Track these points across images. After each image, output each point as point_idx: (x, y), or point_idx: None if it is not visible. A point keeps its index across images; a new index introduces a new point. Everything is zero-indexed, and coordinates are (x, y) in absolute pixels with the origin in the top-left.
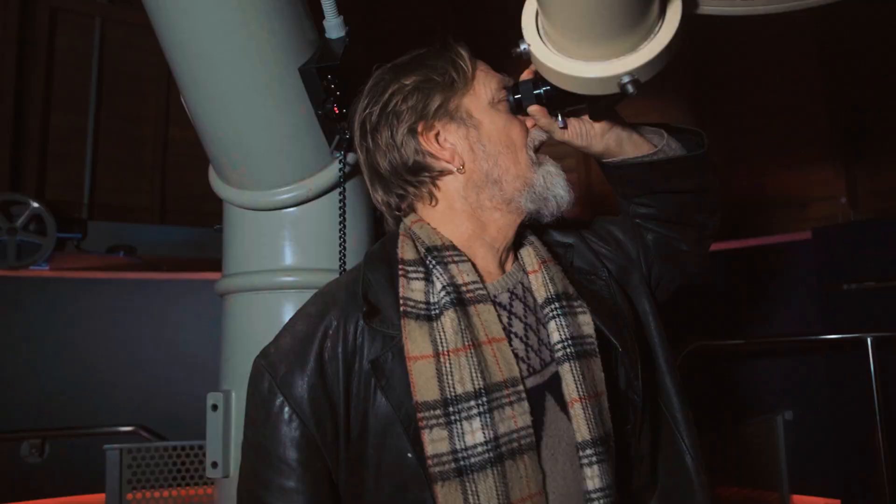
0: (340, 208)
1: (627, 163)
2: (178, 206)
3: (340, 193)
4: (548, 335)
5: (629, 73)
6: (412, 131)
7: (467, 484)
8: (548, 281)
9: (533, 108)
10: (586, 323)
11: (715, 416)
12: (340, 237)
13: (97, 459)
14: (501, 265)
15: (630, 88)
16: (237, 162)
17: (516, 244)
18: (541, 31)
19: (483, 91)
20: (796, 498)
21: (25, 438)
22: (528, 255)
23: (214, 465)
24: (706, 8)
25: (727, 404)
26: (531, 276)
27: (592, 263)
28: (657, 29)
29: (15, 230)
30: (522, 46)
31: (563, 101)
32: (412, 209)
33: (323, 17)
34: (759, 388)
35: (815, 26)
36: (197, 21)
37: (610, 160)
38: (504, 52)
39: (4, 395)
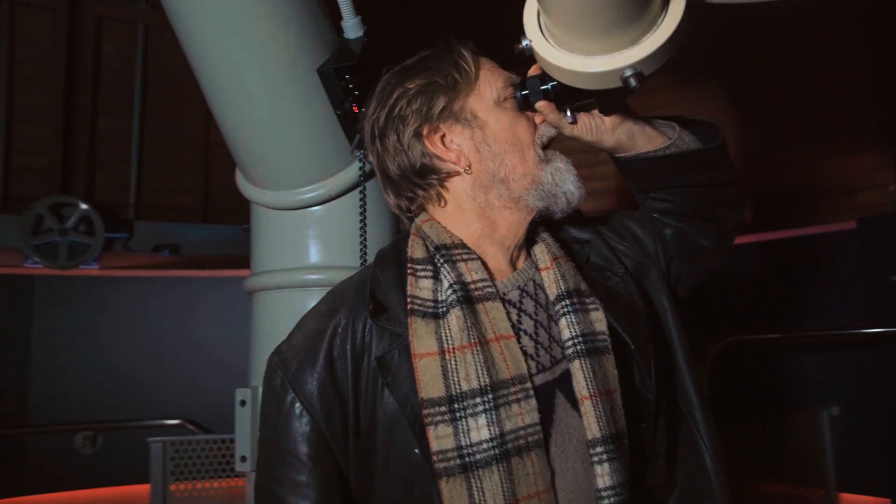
0: (361, 207)
1: (640, 157)
2: (219, 205)
3: (361, 192)
4: (559, 332)
5: (631, 67)
6: (417, 135)
7: (472, 480)
8: (559, 278)
9: (540, 104)
10: (599, 320)
11: (755, 411)
12: (361, 235)
13: (145, 451)
14: (512, 263)
15: (632, 82)
16: (259, 163)
17: (530, 241)
18: (542, 27)
19: (488, 90)
20: (844, 496)
21: (78, 430)
22: (541, 252)
23: (243, 459)
24: None
25: (768, 399)
26: (543, 273)
27: (608, 260)
28: (660, 20)
29: (66, 231)
30: (524, 43)
31: (572, 96)
32: (423, 210)
33: (342, 18)
34: (802, 383)
35: (861, 11)
36: (214, 27)
37: (622, 155)
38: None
39: (59, 389)
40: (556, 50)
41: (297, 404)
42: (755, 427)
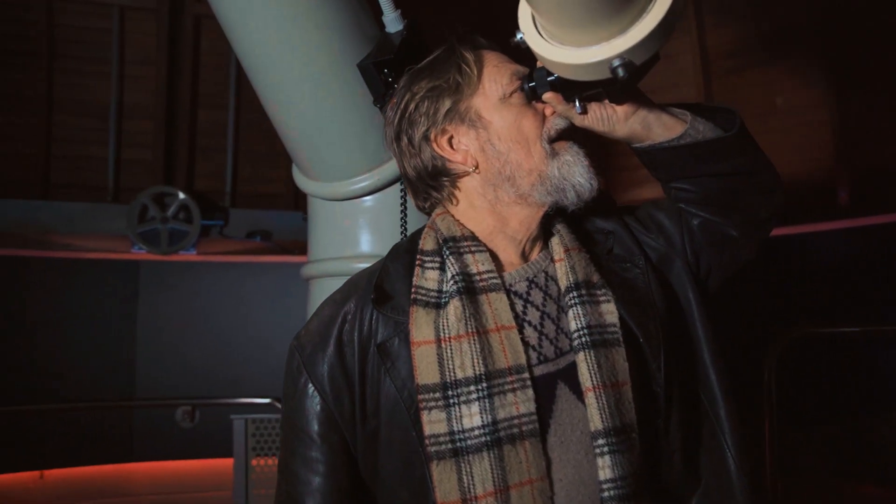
0: (402, 197)
1: (655, 147)
2: None
3: (402, 182)
4: (568, 324)
5: (619, 57)
6: (426, 138)
7: (462, 465)
8: (569, 270)
9: (548, 95)
10: (610, 312)
11: (834, 408)
12: (402, 225)
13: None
14: (524, 255)
15: (621, 72)
16: (310, 156)
17: (548, 233)
18: (535, 19)
19: (493, 88)
20: None
21: (179, 405)
22: (556, 244)
23: None
24: None
25: (848, 396)
26: (557, 265)
27: (631, 251)
28: (650, 8)
29: (166, 219)
30: (518, 36)
31: (579, 86)
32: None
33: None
34: (887, 380)
35: None
36: (264, 36)
37: (638, 145)
38: None
39: (161, 367)
40: (547, 42)
41: (310, 385)
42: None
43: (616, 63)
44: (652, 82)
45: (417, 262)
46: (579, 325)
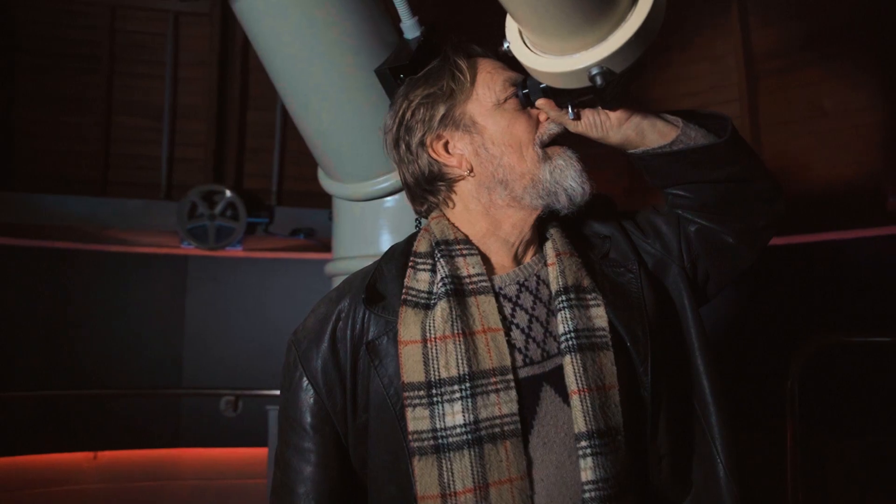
0: None
1: (648, 153)
2: None
3: None
4: (556, 327)
5: (597, 65)
6: (422, 144)
7: (443, 461)
8: (559, 274)
9: (540, 102)
10: (599, 316)
11: (865, 420)
12: (416, 226)
13: None
14: (517, 258)
15: (598, 80)
16: (333, 158)
17: (543, 237)
18: (521, 29)
19: (487, 94)
20: None
21: (223, 395)
22: (549, 248)
23: None
24: None
25: (880, 408)
26: (549, 269)
27: (626, 256)
28: (628, 17)
29: (214, 216)
30: (505, 45)
31: (572, 93)
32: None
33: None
34: None
35: None
36: (289, 50)
37: (632, 151)
38: None
39: (206, 358)
40: (530, 51)
41: (304, 379)
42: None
43: (594, 71)
44: (695, 85)
45: (410, 264)
46: (567, 329)
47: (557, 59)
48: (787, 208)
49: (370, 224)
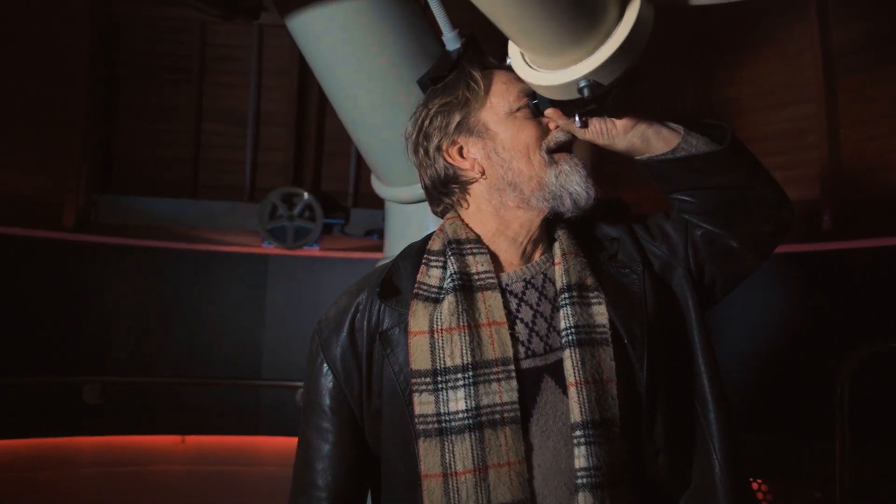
0: None
1: (652, 160)
2: None
3: None
4: (559, 322)
5: (585, 78)
6: (438, 148)
7: (446, 443)
8: (563, 272)
9: (549, 111)
10: (600, 313)
11: None
12: None
13: None
14: (525, 257)
15: (586, 92)
16: (382, 164)
17: (553, 238)
18: None
19: (500, 103)
20: None
21: (299, 388)
22: (556, 248)
23: None
24: None
25: None
26: (556, 268)
27: (632, 258)
28: (613, 32)
29: (293, 217)
30: (508, 60)
31: (578, 103)
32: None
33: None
34: None
35: None
36: (343, 68)
37: (639, 158)
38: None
39: (284, 351)
40: (527, 66)
41: (325, 365)
42: None
43: (582, 84)
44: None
45: (423, 261)
46: (568, 325)
47: (550, 74)
48: (794, 216)
49: (417, 224)
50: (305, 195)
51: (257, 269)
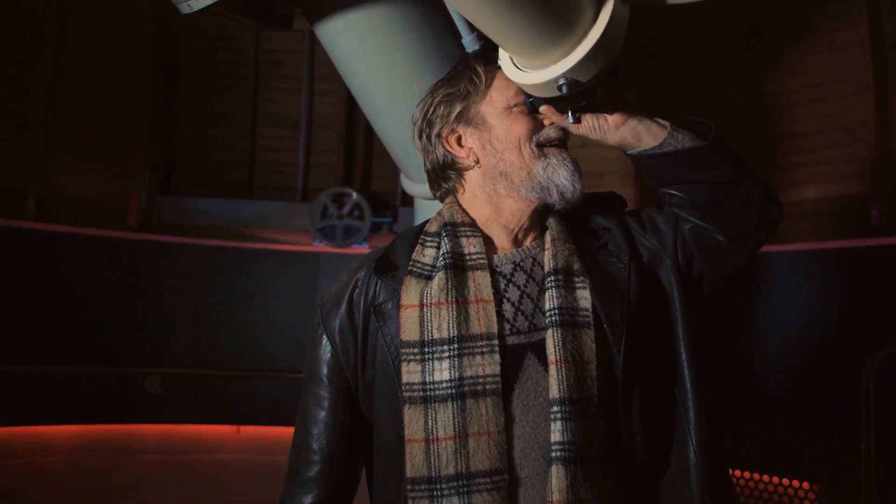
0: None
1: (641, 154)
2: None
3: None
4: (545, 303)
5: (563, 76)
6: (439, 136)
7: (429, 410)
8: (551, 257)
9: (543, 108)
10: (583, 297)
11: None
12: None
13: None
14: (517, 242)
15: (564, 90)
16: (408, 161)
17: (545, 226)
18: None
19: (499, 98)
20: None
21: None
22: (547, 235)
23: None
24: None
25: None
26: (545, 253)
27: (620, 248)
28: (589, 32)
29: (342, 216)
30: (498, 61)
31: (570, 99)
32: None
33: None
34: None
35: None
36: (370, 73)
37: (630, 152)
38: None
39: None
40: (513, 66)
41: (324, 337)
42: None
43: (560, 82)
44: (817, 75)
45: (420, 241)
46: (552, 306)
47: (533, 73)
48: (781, 214)
49: None
50: (354, 195)
51: (308, 266)
